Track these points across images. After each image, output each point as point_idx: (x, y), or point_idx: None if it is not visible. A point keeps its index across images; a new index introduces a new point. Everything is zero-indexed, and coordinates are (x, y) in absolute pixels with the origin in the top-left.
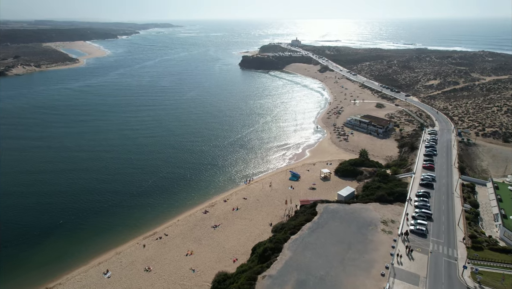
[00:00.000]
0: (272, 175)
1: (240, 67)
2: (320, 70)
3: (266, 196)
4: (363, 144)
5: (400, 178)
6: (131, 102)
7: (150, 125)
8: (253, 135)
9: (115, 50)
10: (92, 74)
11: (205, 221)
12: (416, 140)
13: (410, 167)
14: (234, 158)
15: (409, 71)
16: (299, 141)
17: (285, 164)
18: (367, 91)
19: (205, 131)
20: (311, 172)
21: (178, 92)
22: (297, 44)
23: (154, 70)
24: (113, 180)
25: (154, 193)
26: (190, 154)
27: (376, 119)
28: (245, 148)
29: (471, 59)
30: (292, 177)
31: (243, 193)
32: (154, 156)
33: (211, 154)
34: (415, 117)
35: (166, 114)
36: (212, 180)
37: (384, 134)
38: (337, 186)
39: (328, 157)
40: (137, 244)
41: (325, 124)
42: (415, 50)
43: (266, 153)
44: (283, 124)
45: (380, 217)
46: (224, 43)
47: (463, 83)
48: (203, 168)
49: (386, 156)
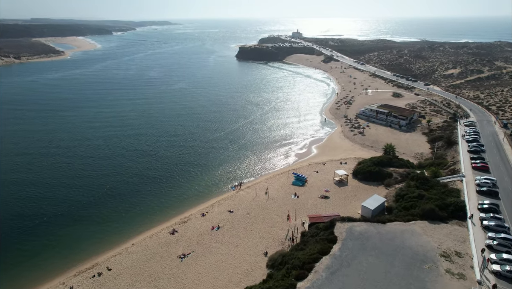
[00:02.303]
0: (269, 178)
1: (237, 59)
2: (324, 61)
3: (260, 207)
4: (384, 138)
5: (446, 182)
6: (108, 95)
7: (122, 120)
8: (247, 129)
9: (106, 44)
10: (74, 66)
11: (170, 247)
12: (451, 134)
13: (454, 167)
14: (220, 157)
15: (423, 61)
16: (304, 136)
17: (287, 163)
18: (379, 80)
19: (189, 125)
20: (321, 173)
21: (165, 83)
22: (298, 36)
23: (143, 63)
24: (53, 186)
25: (106, 204)
26: (166, 152)
27: (396, 109)
28: (236, 144)
29: (489, 49)
30: (296, 180)
31: (229, 203)
32: (117, 155)
33: (192, 152)
34: (442, 107)
35: (146, 107)
36: (190, 184)
37: (407, 127)
38: (358, 194)
39: (341, 154)
40: (63, 284)
41: (334, 116)
42: (424, 42)
43: (263, 149)
44: (284, 116)
45: (436, 246)
46: (221, 38)
47: (488, 72)
48: (179, 169)
49: (415, 153)
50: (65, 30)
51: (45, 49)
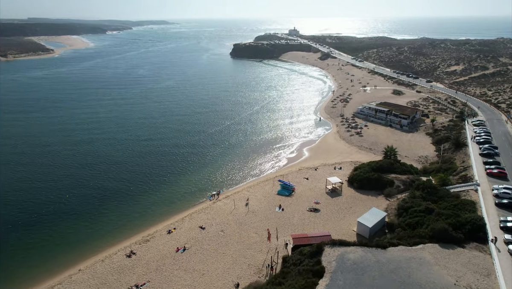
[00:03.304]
0: (252, 186)
1: (231, 56)
2: (321, 58)
3: (237, 223)
4: (384, 139)
5: (457, 191)
6: (88, 94)
7: (97, 123)
8: (233, 131)
9: (100, 43)
10: (61, 64)
11: (122, 274)
12: (459, 134)
13: (465, 173)
14: (200, 162)
15: (424, 58)
16: (296, 137)
17: (274, 168)
18: (378, 77)
19: (171, 127)
20: (312, 180)
21: (153, 81)
22: (295, 34)
23: (133, 61)
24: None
25: (54, 222)
26: (139, 159)
27: (397, 107)
28: (218, 147)
29: (492, 45)
30: (282, 190)
31: (202, 217)
32: (81, 164)
33: (169, 157)
34: (446, 105)
35: (127, 107)
36: (161, 195)
37: (409, 126)
38: (353, 205)
39: (336, 157)
40: None
41: (329, 115)
42: (424, 39)
43: (248, 153)
44: (275, 116)
45: (453, 282)
46: (217, 37)
47: (493, 68)
48: (151, 177)
49: (419, 156)
50: (60, 29)
51: (35, 47)
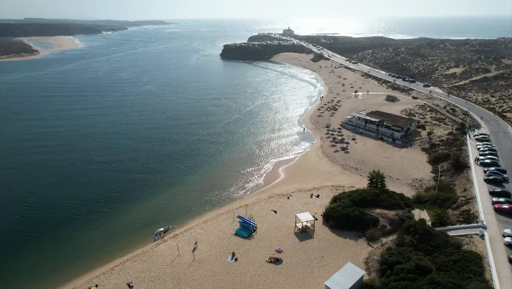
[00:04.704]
0: (209, 220)
1: (221, 57)
2: (313, 59)
3: (175, 280)
4: (373, 157)
5: (458, 236)
6: (55, 103)
7: (51, 137)
8: (202, 146)
9: (90, 43)
10: (42, 67)
11: None
12: (460, 151)
13: (467, 207)
14: (155, 186)
15: (422, 59)
16: (272, 153)
17: (238, 196)
18: (372, 81)
19: (127, 142)
20: (280, 214)
21: (132, 85)
22: (289, 34)
23: (119, 63)
24: None
25: None
26: (81, 184)
27: (390, 117)
28: (179, 168)
29: (493, 46)
30: (240, 229)
31: (136, 267)
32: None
33: (116, 180)
34: (445, 114)
35: (89, 120)
36: (96, 230)
37: (403, 140)
38: (326, 254)
39: (315, 180)
40: None
41: (314, 125)
42: (422, 39)
43: (214, 175)
44: (254, 127)
45: None
46: (211, 37)
47: (496, 71)
48: (89, 206)
49: (412, 180)
50: (53, 30)
51: (20, 48)
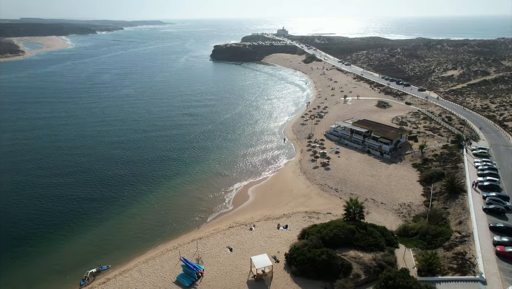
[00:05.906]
0: (149, 259)
1: (211, 58)
2: (305, 61)
3: None
4: (356, 175)
5: None
6: (22, 110)
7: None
8: (160, 166)
9: (80, 44)
10: (22, 68)
11: None
12: (455, 170)
13: (462, 249)
14: (90, 220)
15: (418, 61)
16: (244, 171)
17: (191, 227)
18: (364, 84)
19: (78, 161)
20: (236, 253)
21: (111, 89)
22: (283, 34)
23: (104, 64)
24: None
25: None
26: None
27: (379, 127)
28: (133, 190)
29: (492, 46)
30: (182, 276)
31: None
32: None
33: (51, 208)
34: (441, 123)
35: (51, 130)
36: (13, 273)
37: (392, 154)
38: None
39: (287, 204)
40: None
41: (296, 135)
42: (420, 40)
43: (169, 200)
44: (227, 138)
45: None
46: (205, 37)
47: (496, 74)
48: (14, 239)
49: (399, 205)
50: (46, 29)
51: (6, 49)
